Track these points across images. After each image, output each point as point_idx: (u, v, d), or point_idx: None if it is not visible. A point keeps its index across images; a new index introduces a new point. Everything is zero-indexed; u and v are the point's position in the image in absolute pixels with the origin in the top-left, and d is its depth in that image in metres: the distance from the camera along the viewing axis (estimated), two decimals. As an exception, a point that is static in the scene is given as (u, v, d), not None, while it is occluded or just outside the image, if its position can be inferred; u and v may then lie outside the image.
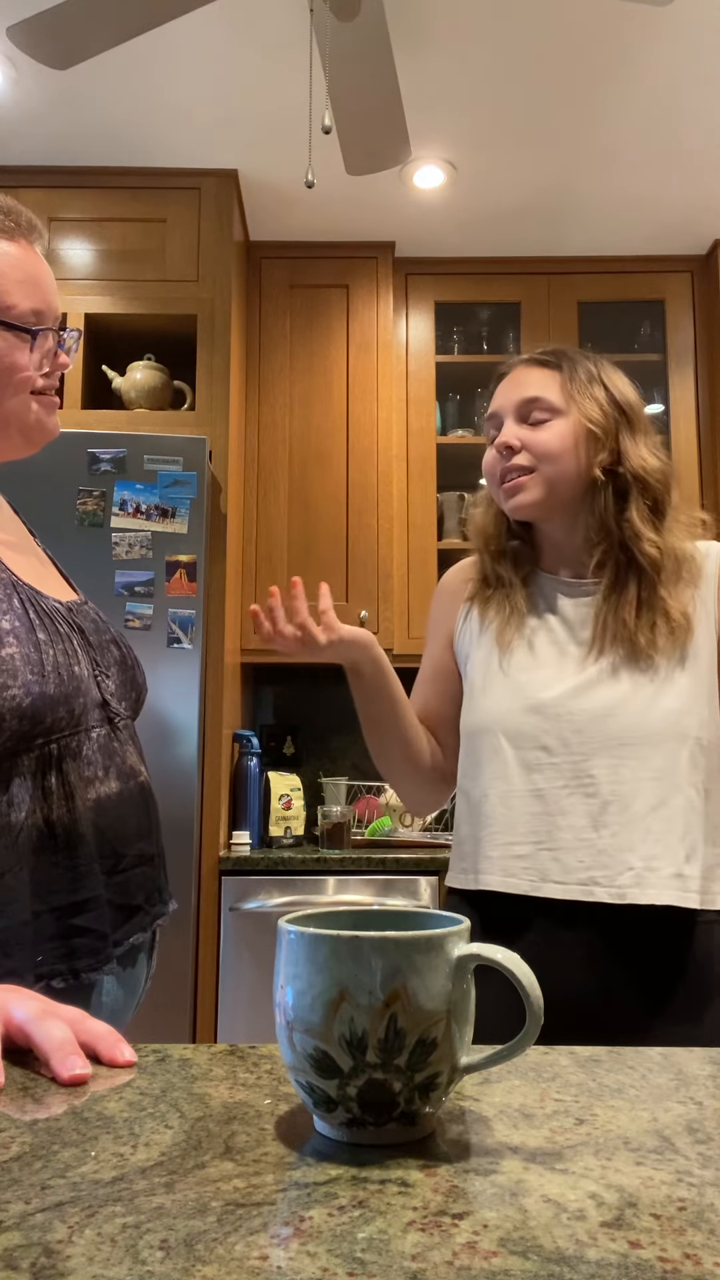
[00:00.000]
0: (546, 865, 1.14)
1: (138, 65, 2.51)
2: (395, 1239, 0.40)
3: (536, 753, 1.17)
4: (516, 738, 1.19)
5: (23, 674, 0.92)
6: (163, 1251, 0.39)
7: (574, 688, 1.18)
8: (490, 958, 0.52)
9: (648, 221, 3.18)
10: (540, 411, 1.23)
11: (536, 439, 1.22)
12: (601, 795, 1.13)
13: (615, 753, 1.14)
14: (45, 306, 1.01)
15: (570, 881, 1.12)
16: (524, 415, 1.24)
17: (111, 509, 2.55)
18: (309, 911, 0.58)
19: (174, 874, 2.48)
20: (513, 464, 1.22)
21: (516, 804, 1.17)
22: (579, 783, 1.14)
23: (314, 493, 3.15)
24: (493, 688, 1.23)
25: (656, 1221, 0.42)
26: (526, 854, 1.15)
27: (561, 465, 1.21)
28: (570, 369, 1.25)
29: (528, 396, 1.23)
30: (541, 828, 1.15)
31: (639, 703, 1.15)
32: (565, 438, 1.21)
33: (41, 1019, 0.63)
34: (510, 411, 1.24)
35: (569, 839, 1.13)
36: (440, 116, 2.71)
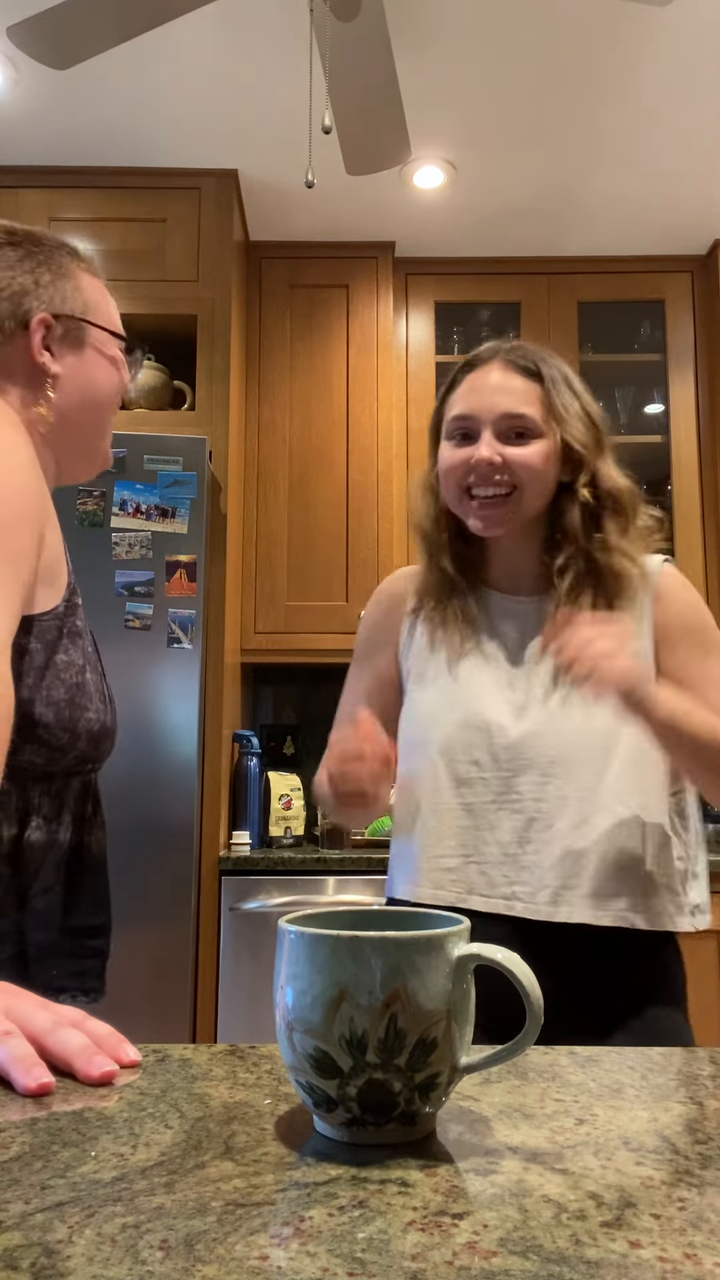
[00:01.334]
0: (473, 879, 1.15)
1: (138, 65, 2.51)
2: (395, 1239, 0.40)
3: (468, 767, 1.17)
4: (449, 752, 1.18)
5: (96, 701, 0.97)
6: (163, 1251, 0.39)
7: (510, 704, 1.17)
8: (490, 958, 0.52)
9: (648, 221, 3.17)
10: (522, 428, 1.18)
11: (520, 458, 1.17)
12: (527, 812, 1.14)
13: (544, 770, 1.14)
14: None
15: (494, 895, 1.13)
16: (503, 430, 1.18)
17: (111, 509, 2.55)
18: (309, 911, 0.58)
19: (174, 874, 2.48)
20: (495, 481, 1.17)
21: (446, 818, 1.18)
22: (506, 799, 1.15)
23: (314, 493, 3.14)
24: (431, 702, 1.23)
25: (656, 1221, 0.42)
26: (455, 867, 1.16)
27: (540, 485, 1.19)
28: (552, 381, 1.20)
29: (512, 412, 1.18)
30: (469, 842, 1.16)
31: (572, 721, 1.14)
32: (547, 458, 1.18)
33: (55, 1030, 0.63)
34: (489, 423, 1.18)
35: (495, 854, 1.14)
36: (440, 116, 2.71)
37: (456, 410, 1.21)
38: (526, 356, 1.22)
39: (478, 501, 1.19)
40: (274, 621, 3.08)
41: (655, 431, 3.34)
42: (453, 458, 1.20)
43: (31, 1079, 0.58)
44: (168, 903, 2.48)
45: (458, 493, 1.21)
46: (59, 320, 1.00)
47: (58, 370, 0.99)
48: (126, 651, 2.50)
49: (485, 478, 1.17)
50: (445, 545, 1.26)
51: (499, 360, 1.22)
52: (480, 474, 1.17)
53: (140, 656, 2.51)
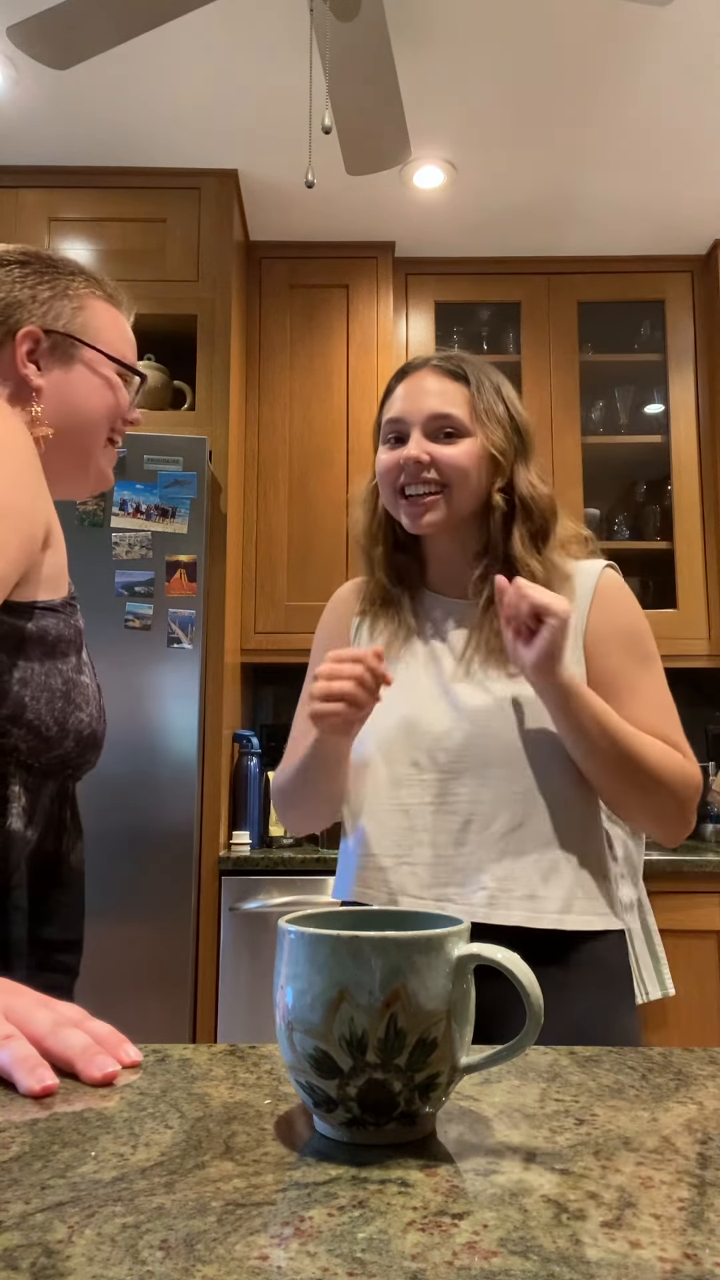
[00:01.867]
0: (404, 880, 1.15)
1: (137, 65, 2.51)
2: (395, 1239, 0.40)
3: (407, 769, 1.18)
4: (388, 754, 1.20)
5: (91, 705, 0.99)
6: (163, 1251, 0.39)
7: (447, 707, 1.18)
8: (490, 958, 0.52)
9: (648, 221, 3.18)
10: (449, 428, 1.21)
11: (447, 456, 1.20)
12: (463, 814, 1.14)
13: (480, 773, 1.15)
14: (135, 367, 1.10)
15: (426, 896, 1.14)
16: (432, 430, 1.22)
17: (111, 509, 2.55)
18: (309, 911, 0.58)
19: (174, 874, 2.48)
20: (423, 479, 1.20)
21: (384, 819, 1.18)
22: (443, 800, 1.16)
23: (314, 493, 3.14)
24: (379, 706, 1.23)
25: (656, 1221, 0.42)
26: (388, 867, 1.17)
27: (468, 485, 1.21)
28: (479, 386, 1.23)
29: (439, 412, 1.21)
30: (404, 843, 1.16)
31: (506, 723, 1.15)
32: (472, 456, 1.21)
33: (56, 1031, 0.63)
34: (418, 423, 1.22)
35: (428, 855, 1.15)
36: (440, 116, 2.71)
37: (389, 415, 1.26)
38: (454, 361, 1.26)
39: (408, 502, 1.22)
40: (274, 621, 3.08)
41: (655, 431, 3.34)
42: (386, 460, 1.24)
43: (35, 1080, 0.58)
44: (168, 903, 2.48)
45: (392, 494, 1.24)
46: (49, 335, 1.02)
47: (40, 383, 1.01)
48: (126, 651, 2.50)
49: (414, 475, 1.21)
50: (382, 555, 1.30)
51: (429, 367, 1.26)
52: (409, 472, 1.21)
53: (140, 656, 2.51)
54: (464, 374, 1.24)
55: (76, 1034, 0.63)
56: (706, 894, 2.60)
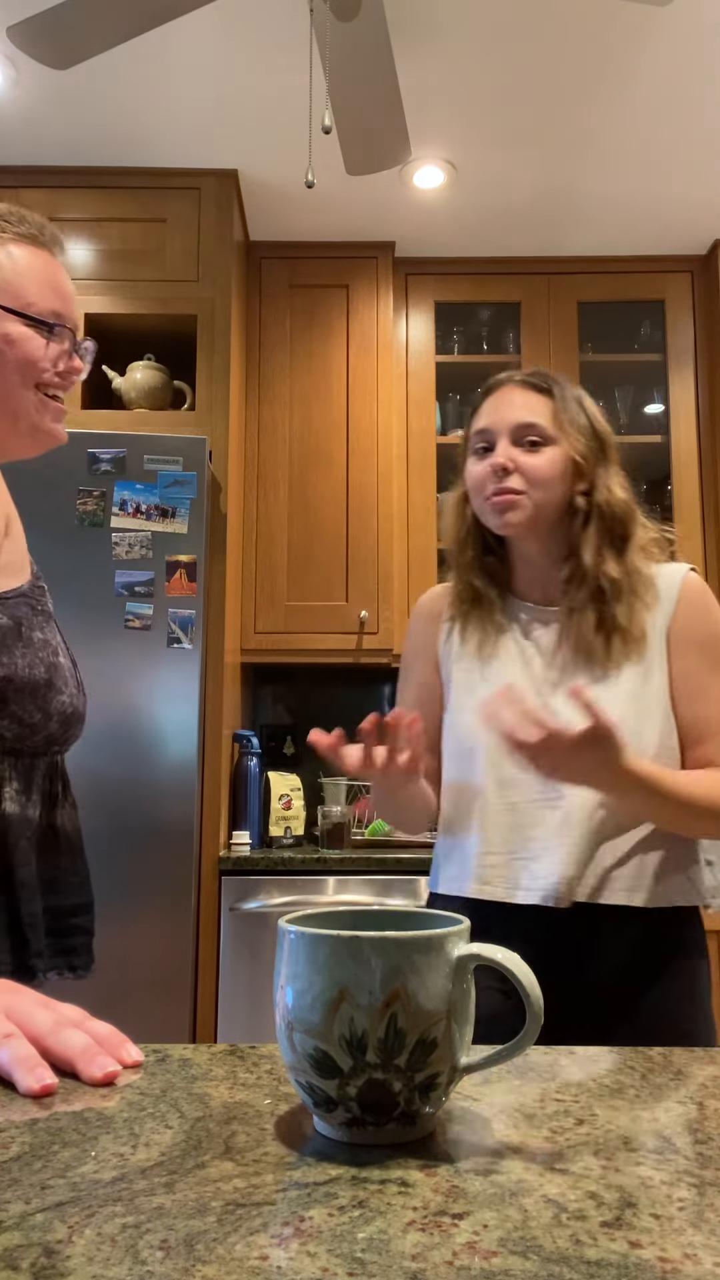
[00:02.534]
0: (518, 873, 1.24)
1: (138, 65, 2.51)
2: (395, 1239, 0.40)
3: (511, 770, 1.25)
4: (494, 758, 1.27)
5: (70, 684, 1.00)
6: (163, 1251, 0.39)
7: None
8: (490, 958, 0.52)
9: (648, 221, 3.17)
10: (534, 436, 1.29)
11: (531, 463, 1.28)
12: (565, 808, 1.23)
13: None
14: (65, 311, 1.05)
15: (537, 888, 1.22)
16: (518, 438, 1.29)
17: (111, 509, 2.55)
18: (309, 911, 0.58)
19: (174, 874, 2.48)
20: (506, 485, 1.28)
21: (494, 818, 1.27)
22: (546, 797, 1.24)
23: (314, 493, 3.14)
24: (471, 708, 1.31)
25: (656, 1221, 0.42)
26: (501, 864, 1.26)
27: (551, 491, 1.28)
28: (561, 398, 1.32)
29: (524, 421, 1.29)
30: (515, 839, 1.25)
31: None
32: (556, 464, 1.28)
33: (57, 1030, 0.63)
34: (504, 432, 1.30)
35: (538, 849, 1.24)
36: (440, 116, 2.71)
37: (476, 426, 1.34)
38: (538, 376, 1.35)
39: (493, 500, 1.29)
40: (274, 621, 3.08)
41: (655, 431, 3.34)
42: (475, 469, 1.33)
43: (35, 1080, 0.58)
44: (168, 903, 2.48)
45: (481, 499, 1.32)
46: None
47: None
48: (126, 651, 2.50)
49: (500, 481, 1.29)
50: (472, 560, 1.37)
51: (514, 382, 1.35)
52: (496, 477, 1.29)
53: (140, 656, 2.51)
54: (547, 387, 1.33)
55: (77, 1034, 0.63)
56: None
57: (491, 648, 1.33)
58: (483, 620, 1.35)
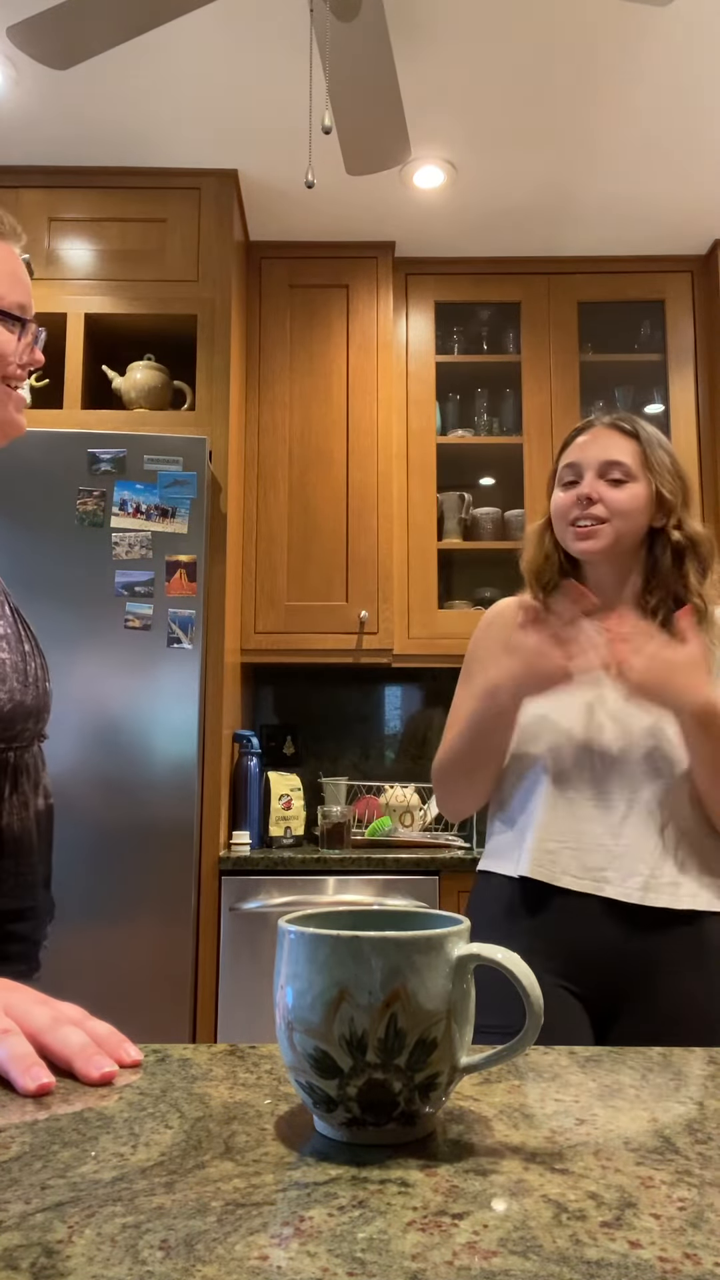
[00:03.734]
0: (567, 862, 1.35)
1: (138, 65, 2.51)
2: (395, 1239, 0.40)
3: (570, 769, 1.39)
4: (556, 754, 1.40)
5: (10, 680, 0.95)
6: (163, 1251, 0.39)
7: (607, 718, 1.39)
8: (490, 958, 0.52)
9: (648, 221, 3.17)
10: (619, 473, 1.42)
11: (614, 496, 1.41)
12: (618, 810, 1.36)
13: (632, 779, 1.36)
14: (27, 302, 1.03)
15: (585, 878, 1.34)
16: (604, 473, 1.42)
17: (111, 509, 2.55)
18: (309, 911, 0.58)
19: (174, 874, 2.49)
20: (589, 513, 1.41)
21: (550, 810, 1.38)
22: (601, 798, 1.37)
23: (314, 493, 3.14)
24: (538, 708, 1.41)
25: (656, 1221, 0.42)
26: (554, 850, 1.36)
27: (630, 522, 1.42)
28: (647, 441, 1.45)
29: (611, 459, 1.43)
30: (569, 830, 1.37)
31: (652, 744, 1.36)
32: (638, 499, 1.42)
33: (55, 1028, 0.63)
34: (592, 466, 1.43)
35: (590, 843, 1.35)
36: (440, 116, 2.71)
37: (566, 460, 1.48)
38: (627, 420, 1.49)
39: (576, 529, 1.43)
40: (274, 621, 3.08)
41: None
42: (562, 498, 1.46)
43: (31, 1079, 0.58)
44: (168, 903, 2.48)
45: (564, 526, 1.45)
46: None
47: None
48: (126, 651, 2.50)
49: (584, 509, 1.42)
50: (549, 584, 1.50)
51: (601, 425, 1.49)
52: (580, 506, 1.42)
53: (140, 656, 2.51)
54: (634, 430, 1.47)
55: (75, 1032, 0.63)
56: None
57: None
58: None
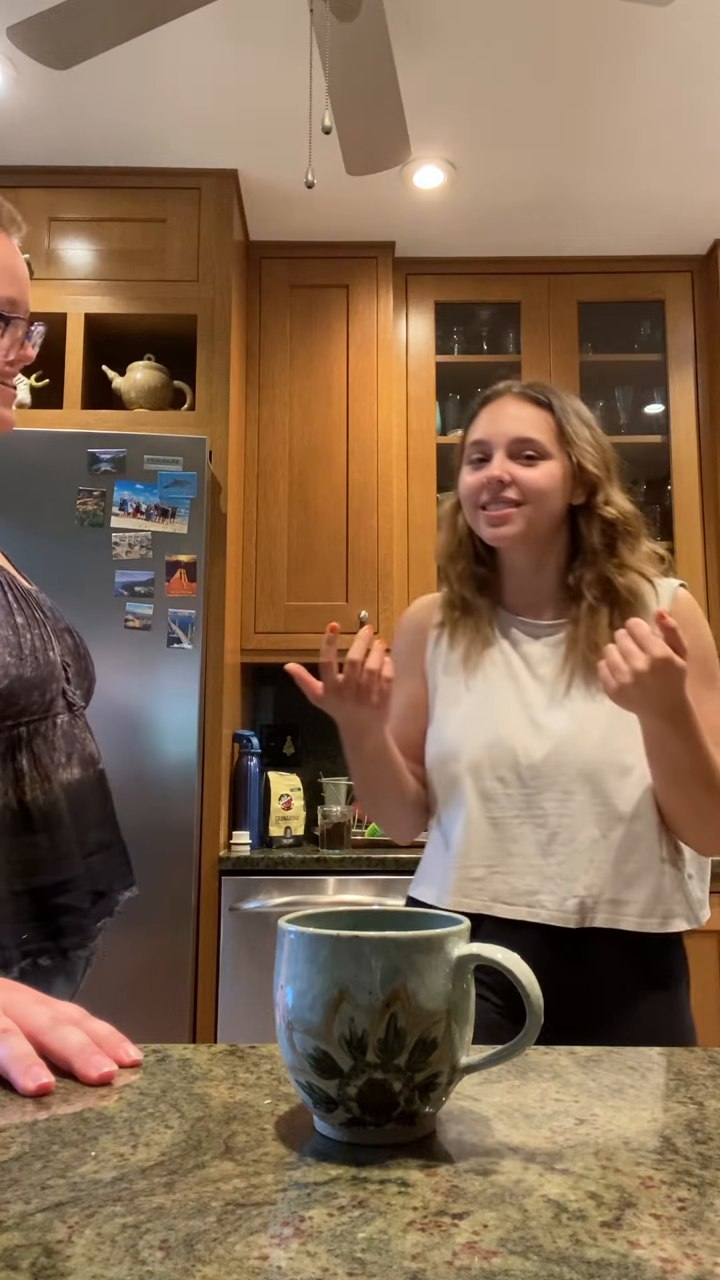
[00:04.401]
0: (497, 888, 1.23)
1: (137, 65, 2.51)
2: (395, 1239, 0.40)
3: (493, 784, 1.25)
4: (476, 771, 1.26)
5: (1, 656, 0.93)
6: (163, 1251, 0.39)
7: (529, 725, 1.25)
8: (490, 958, 0.52)
9: (648, 221, 3.17)
10: (532, 450, 1.29)
11: (527, 477, 1.28)
12: (550, 826, 1.22)
13: (565, 788, 1.22)
14: (19, 297, 1.02)
15: (518, 903, 1.21)
16: (515, 452, 1.29)
17: (111, 509, 2.55)
18: (309, 911, 0.58)
19: (174, 874, 2.48)
20: (501, 497, 1.28)
21: (474, 831, 1.25)
22: (530, 814, 1.23)
23: (314, 493, 3.14)
24: (454, 720, 1.30)
25: (656, 1221, 0.42)
26: (481, 877, 1.24)
27: (546, 505, 1.28)
28: (561, 410, 1.32)
29: (522, 436, 1.29)
30: (495, 854, 1.24)
31: (588, 742, 1.22)
32: (554, 478, 1.29)
33: (54, 1028, 0.63)
34: (501, 444, 1.30)
35: (519, 865, 1.22)
36: (440, 116, 2.71)
37: (473, 437, 1.34)
38: (537, 389, 1.34)
39: (487, 514, 1.29)
40: (274, 621, 3.08)
41: (655, 431, 3.34)
42: (469, 480, 1.32)
43: (30, 1079, 0.58)
44: (168, 903, 2.48)
45: (474, 509, 1.32)
46: None
47: None
48: (126, 651, 2.50)
49: (495, 493, 1.28)
50: (463, 570, 1.37)
51: (510, 394, 1.34)
52: (491, 489, 1.28)
53: (140, 656, 2.51)
54: (546, 400, 1.33)
55: (75, 1032, 0.63)
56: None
57: (478, 658, 1.32)
58: (471, 631, 1.34)
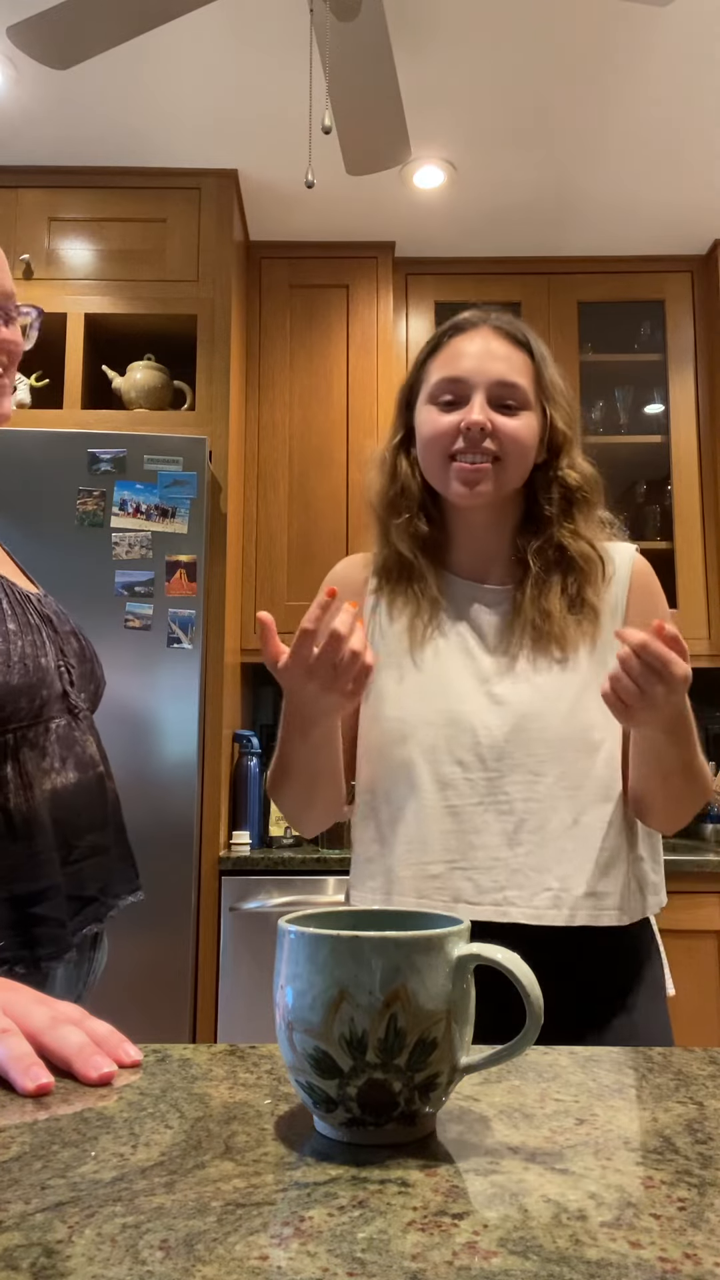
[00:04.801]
0: (460, 885, 1.08)
1: (138, 65, 2.51)
2: (395, 1239, 0.40)
3: (452, 768, 1.10)
4: (431, 752, 1.11)
5: None
6: (163, 1251, 0.39)
7: (487, 701, 1.11)
8: (490, 958, 0.52)
9: (648, 221, 3.17)
10: (514, 399, 1.13)
11: (510, 427, 1.12)
12: (517, 813, 1.08)
13: (533, 769, 1.09)
14: (2, 284, 1.00)
15: (484, 902, 1.07)
16: (495, 398, 1.12)
17: (111, 509, 2.55)
18: (309, 911, 0.58)
19: (174, 874, 2.48)
20: (482, 448, 1.11)
21: (430, 822, 1.10)
22: (494, 800, 1.09)
23: (314, 493, 3.15)
24: (404, 698, 1.14)
25: (656, 1221, 0.42)
26: (440, 874, 1.09)
27: (524, 462, 1.14)
28: (541, 358, 1.17)
29: (506, 380, 1.12)
30: (455, 846, 1.09)
31: (553, 717, 1.10)
32: (533, 433, 1.14)
33: (54, 1028, 0.63)
34: (482, 387, 1.12)
35: (483, 858, 1.08)
36: (440, 116, 2.71)
37: (445, 373, 1.14)
38: (515, 326, 1.18)
39: (460, 466, 1.12)
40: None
41: (655, 431, 3.34)
42: (440, 422, 1.13)
43: (30, 1079, 0.58)
44: (168, 903, 2.48)
45: (440, 459, 1.14)
46: None
47: None
48: (126, 651, 2.50)
49: (474, 443, 1.11)
50: (406, 525, 1.19)
51: (488, 326, 1.16)
52: (470, 439, 1.11)
53: (140, 656, 2.51)
54: (526, 341, 1.16)
55: (74, 1032, 0.63)
56: (706, 894, 2.60)
57: (424, 628, 1.16)
58: (414, 596, 1.18)
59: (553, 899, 1.06)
